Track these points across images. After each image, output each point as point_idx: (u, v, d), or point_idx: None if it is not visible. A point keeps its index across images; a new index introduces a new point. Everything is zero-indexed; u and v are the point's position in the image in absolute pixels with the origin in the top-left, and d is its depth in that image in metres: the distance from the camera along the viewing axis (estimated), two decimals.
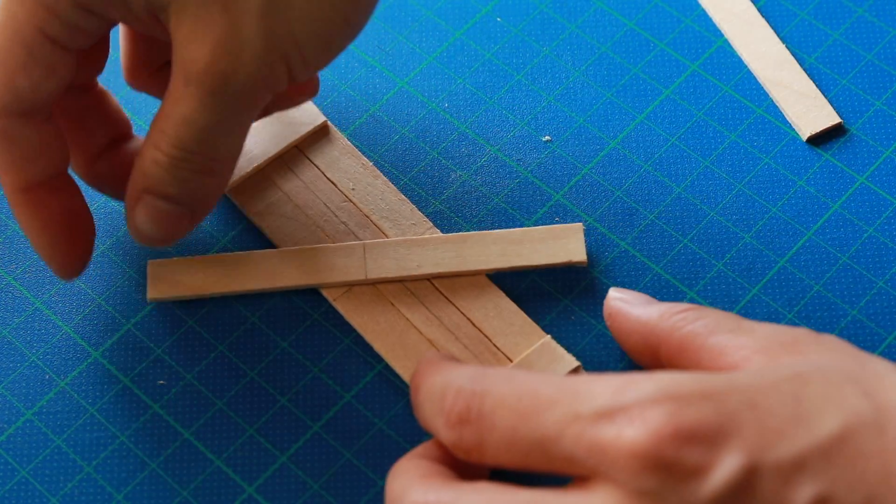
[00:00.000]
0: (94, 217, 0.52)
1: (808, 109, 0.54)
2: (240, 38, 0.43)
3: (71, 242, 0.47)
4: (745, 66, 0.55)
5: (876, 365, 0.40)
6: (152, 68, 0.50)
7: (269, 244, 0.51)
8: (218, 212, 0.52)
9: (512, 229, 0.51)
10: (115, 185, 0.50)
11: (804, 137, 0.53)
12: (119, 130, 0.50)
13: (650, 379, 0.38)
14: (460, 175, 0.53)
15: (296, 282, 0.50)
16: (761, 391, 0.38)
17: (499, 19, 0.57)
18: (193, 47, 0.43)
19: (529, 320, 0.49)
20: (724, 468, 0.36)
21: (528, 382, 0.40)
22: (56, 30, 0.44)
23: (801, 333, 0.42)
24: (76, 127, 0.49)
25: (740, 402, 0.37)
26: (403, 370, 0.48)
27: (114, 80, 0.53)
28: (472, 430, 0.40)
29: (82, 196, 0.48)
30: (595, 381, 0.39)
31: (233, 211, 0.52)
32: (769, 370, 0.39)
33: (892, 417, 0.37)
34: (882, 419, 0.37)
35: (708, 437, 0.36)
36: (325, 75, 0.56)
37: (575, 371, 0.48)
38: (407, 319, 0.49)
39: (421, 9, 0.57)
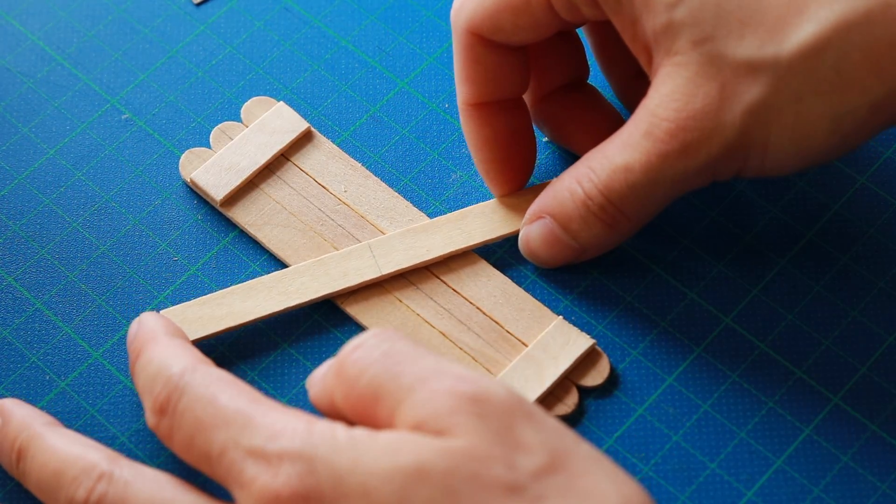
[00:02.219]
0: (95, 218, 0.52)
1: None
2: (719, 119, 0.43)
3: (507, 161, 0.50)
4: None
5: (525, 460, 0.38)
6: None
7: (265, 252, 0.51)
8: (213, 216, 0.52)
9: (507, 196, 0.51)
10: (553, 126, 0.51)
11: None
12: (576, 75, 0.51)
13: (301, 434, 0.39)
14: (460, 175, 0.53)
15: (315, 295, 0.49)
16: (377, 481, 0.37)
17: None
18: (672, 105, 0.44)
19: (539, 304, 0.50)
20: None
21: (221, 393, 0.41)
22: (560, 2, 0.46)
23: (468, 398, 0.39)
24: (539, 61, 0.51)
25: (357, 485, 0.38)
26: None
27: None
28: (167, 422, 0.42)
29: (529, 119, 0.50)
30: (266, 416, 0.40)
31: (222, 219, 0.52)
32: (398, 454, 0.38)
33: None
34: None
35: None
36: (326, 76, 0.56)
37: (590, 349, 0.48)
38: (418, 315, 0.49)
39: (421, 9, 0.57)
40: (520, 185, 0.51)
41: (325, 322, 0.50)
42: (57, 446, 0.44)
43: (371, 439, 0.39)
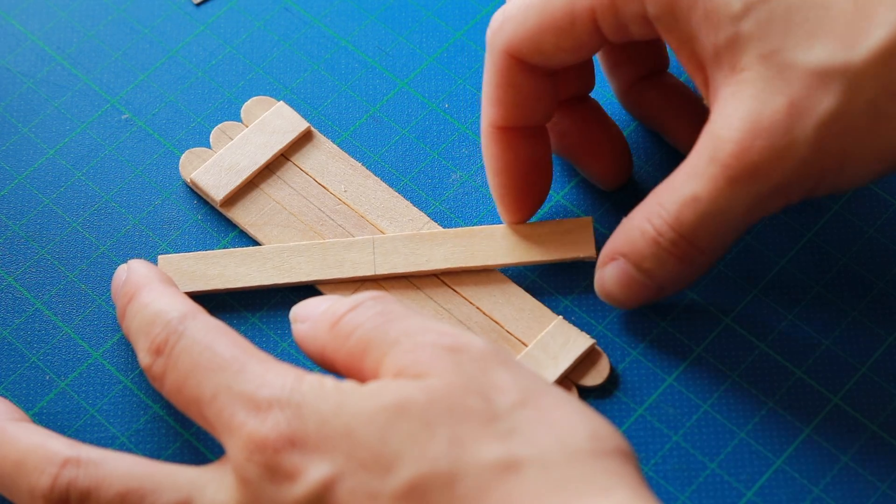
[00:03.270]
0: (95, 218, 0.52)
1: None
2: (790, 136, 0.41)
3: (524, 189, 0.50)
4: None
5: (499, 397, 0.39)
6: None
7: None
8: (213, 216, 0.52)
9: (520, 224, 0.51)
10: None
11: None
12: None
13: (290, 383, 0.40)
14: (460, 175, 0.53)
15: (306, 277, 0.50)
16: (360, 421, 0.39)
17: None
18: (738, 125, 0.42)
19: (539, 303, 0.50)
20: (309, 478, 0.39)
21: (218, 340, 0.42)
22: (608, 21, 0.45)
23: (447, 347, 0.41)
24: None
25: (340, 426, 0.39)
26: None
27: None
28: (162, 362, 0.43)
29: (550, 148, 0.50)
30: (256, 364, 0.41)
31: (222, 219, 0.52)
32: (379, 394, 0.39)
33: (467, 473, 0.38)
34: (456, 472, 0.38)
35: (306, 449, 0.39)
36: (326, 76, 0.56)
37: (590, 349, 0.48)
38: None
39: (421, 9, 0.57)
40: (531, 213, 0.50)
41: None
42: (17, 437, 0.43)
43: (356, 387, 0.40)
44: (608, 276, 0.47)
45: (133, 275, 0.46)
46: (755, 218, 0.44)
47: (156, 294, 0.45)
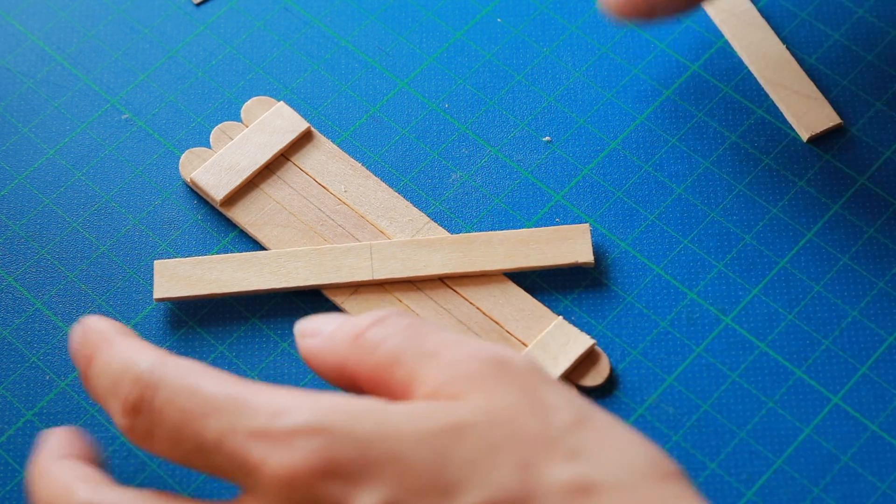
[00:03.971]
0: (95, 218, 0.52)
1: (808, 110, 0.54)
2: None
3: None
4: (745, 67, 0.55)
5: (555, 417, 0.38)
6: None
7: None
8: (213, 216, 0.52)
9: (518, 230, 0.51)
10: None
11: (804, 138, 0.53)
12: None
13: (309, 408, 0.37)
14: (460, 175, 0.53)
15: (303, 282, 0.50)
16: (410, 444, 0.36)
17: (499, 20, 0.57)
18: None
19: (539, 304, 0.50)
20: None
21: (202, 381, 0.39)
22: None
23: (491, 361, 0.38)
24: None
25: (386, 451, 0.36)
26: None
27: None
28: (145, 420, 0.39)
29: None
30: (260, 395, 0.38)
31: (222, 219, 0.52)
32: (429, 417, 0.37)
33: (541, 497, 0.36)
34: (529, 496, 0.36)
35: (349, 478, 0.36)
36: (326, 76, 0.56)
37: (590, 349, 0.48)
38: (418, 315, 0.49)
39: (421, 9, 0.57)
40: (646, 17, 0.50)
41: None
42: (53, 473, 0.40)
43: (392, 406, 0.37)
44: None
45: (88, 333, 0.42)
46: None
47: (117, 349, 0.41)
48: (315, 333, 0.41)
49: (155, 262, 0.50)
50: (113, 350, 0.41)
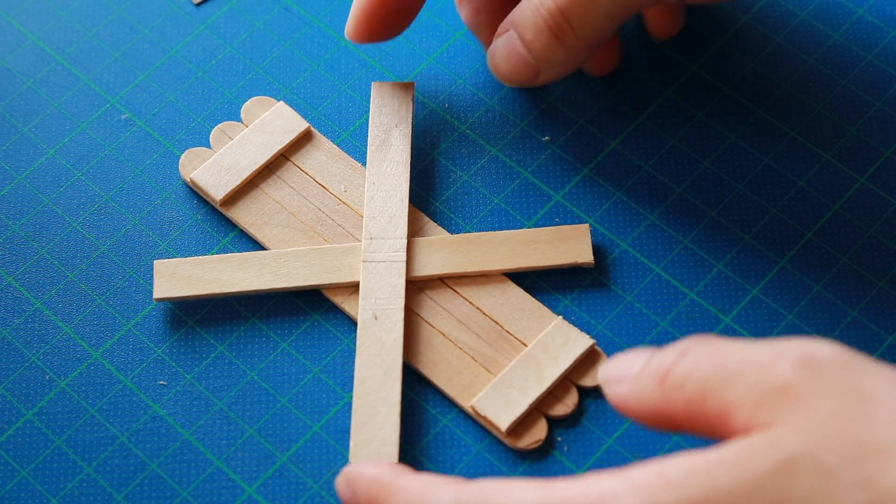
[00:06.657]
0: (95, 218, 0.52)
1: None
2: None
3: (381, 15, 0.52)
4: (745, 66, 0.55)
5: (879, 414, 0.35)
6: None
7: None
8: (213, 216, 0.52)
9: (518, 230, 0.51)
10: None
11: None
12: None
13: (631, 494, 0.36)
14: (460, 175, 0.53)
15: (303, 282, 0.50)
16: (743, 496, 0.35)
17: None
18: None
19: (539, 304, 0.50)
20: None
21: (510, 492, 0.38)
22: None
23: (797, 365, 0.37)
24: None
25: None
26: (418, 365, 0.48)
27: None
28: None
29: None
30: (569, 489, 0.37)
31: (222, 219, 0.52)
32: (753, 460, 0.35)
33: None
34: None
35: None
36: (326, 76, 0.56)
37: (590, 349, 0.48)
38: (417, 314, 0.49)
39: (421, 9, 0.57)
40: (377, 37, 0.53)
41: (325, 322, 0.50)
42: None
43: (710, 458, 0.36)
44: (498, 47, 0.51)
45: (357, 483, 0.42)
46: (625, 11, 0.49)
47: (403, 494, 0.40)
48: (621, 379, 0.40)
49: (155, 261, 0.50)
50: (398, 496, 0.41)
